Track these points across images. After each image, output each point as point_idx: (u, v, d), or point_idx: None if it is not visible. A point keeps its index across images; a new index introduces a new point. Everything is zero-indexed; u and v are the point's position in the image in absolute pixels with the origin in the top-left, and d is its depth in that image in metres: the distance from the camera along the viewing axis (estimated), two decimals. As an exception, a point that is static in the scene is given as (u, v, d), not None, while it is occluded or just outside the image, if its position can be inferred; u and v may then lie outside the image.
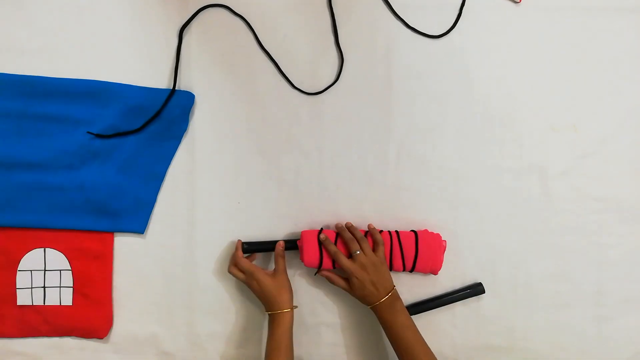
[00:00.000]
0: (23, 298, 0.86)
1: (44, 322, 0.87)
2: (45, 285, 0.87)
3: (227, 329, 0.89)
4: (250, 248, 0.87)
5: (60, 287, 0.87)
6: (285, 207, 0.89)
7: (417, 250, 0.85)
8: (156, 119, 0.86)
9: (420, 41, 0.90)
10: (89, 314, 0.87)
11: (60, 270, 0.87)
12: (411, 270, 0.86)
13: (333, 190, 0.89)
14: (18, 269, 0.86)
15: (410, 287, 0.89)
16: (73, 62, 0.86)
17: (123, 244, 0.88)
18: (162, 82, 0.87)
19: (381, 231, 0.86)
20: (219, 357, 0.89)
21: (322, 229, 0.86)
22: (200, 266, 0.89)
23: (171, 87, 0.86)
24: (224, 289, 0.89)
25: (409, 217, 0.89)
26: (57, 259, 0.86)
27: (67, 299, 0.87)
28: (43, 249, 0.86)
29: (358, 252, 0.82)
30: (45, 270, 0.86)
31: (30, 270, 0.86)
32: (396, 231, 0.87)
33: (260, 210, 0.89)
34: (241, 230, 0.89)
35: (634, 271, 0.91)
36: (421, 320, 0.88)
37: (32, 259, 0.86)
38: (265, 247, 0.87)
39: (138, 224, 0.87)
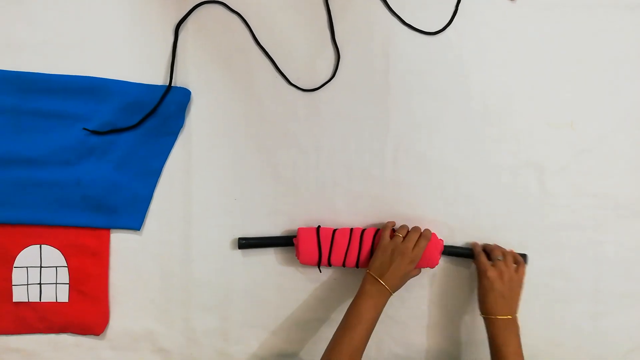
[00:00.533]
0: (19, 295, 0.86)
1: (40, 319, 0.87)
2: (42, 282, 0.86)
3: (223, 325, 0.89)
4: (247, 243, 0.87)
5: (56, 283, 0.86)
6: (282, 204, 0.89)
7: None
8: (152, 116, 0.86)
9: (417, 38, 0.90)
10: (85, 311, 0.87)
11: (56, 267, 0.86)
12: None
13: (330, 186, 0.89)
14: (14, 265, 0.86)
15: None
16: (69, 58, 0.85)
17: (119, 241, 0.88)
18: (158, 78, 0.87)
19: (378, 229, 0.87)
20: (215, 354, 0.89)
21: (319, 226, 0.86)
22: (197, 262, 0.89)
23: (167, 84, 0.86)
24: (221, 285, 0.89)
25: (406, 214, 0.89)
26: (53, 255, 0.86)
27: (63, 295, 0.87)
28: (39, 245, 0.86)
29: (500, 259, 0.82)
30: (41, 266, 0.86)
31: (26, 267, 0.86)
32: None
33: (257, 206, 0.89)
34: (238, 227, 0.89)
35: (631, 267, 0.91)
36: (418, 318, 0.89)
37: (28, 256, 0.86)
38: (261, 242, 0.87)
39: (134, 221, 0.87)
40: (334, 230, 0.86)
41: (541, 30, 0.90)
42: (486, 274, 0.81)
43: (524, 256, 0.89)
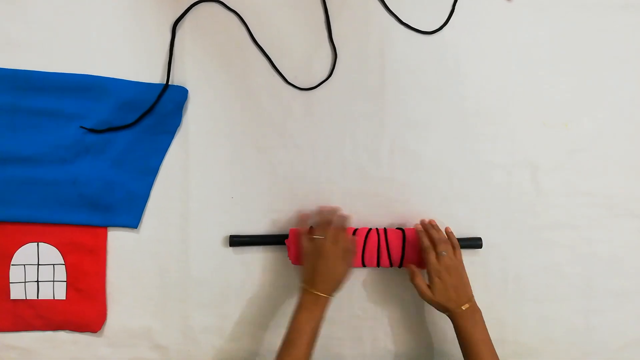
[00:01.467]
0: (16, 292, 0.86)
1: (38, 316, 0.87)
2: (39, 280, 0.87)
3: (221, 322, 0.90)
4: (238, 241, 0.87)
5: (53, 281, 0.87)
6: (278, 202, 0.89)
7: (404, 250, 0.85)
8: (149, 114, 0.86)
9: (413, 37, 0.90)
10: (83, 308, 0.87)
11: (53, 265, 0.87)
12: (399, 267, 0.87)
13: (326, 185, 0.90)
14: (11, 263, 0.86)
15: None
16: (66, 56, 0.85)
17: (117, 239, 0.88)
18: (155, 77, 0.87)
19: (370, 229, 0.87)
20: (213, 351, 0.90)
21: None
22: (194, 260, 0.89)
23: (164, 82, 0.86)
24: (218, 282, 0.89)
25: (401, 212, 0.90)
26: (50, 253, 0.86)
27: (61, 293, 0.87)
28: (36, 243, 0.86)
29: (445, 253, 0.81)
30: (38, 264, 0.86)
31: (24, 265, 0.86)
32: (384, 229, 0.87)
33: (254, 204, 0.89)
34: (234, 225, 0.89)
35: (623, 265, 0.92)
36: (413, 316, 0.89)
37: (25, 254, 0.86)
38: (252, 240, 0.88)
39: (132, 219, 0.87)
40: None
41: (537, 30, 0.91)
42: (439, 274, 0.80)
43: (478, 240, 0.89)
